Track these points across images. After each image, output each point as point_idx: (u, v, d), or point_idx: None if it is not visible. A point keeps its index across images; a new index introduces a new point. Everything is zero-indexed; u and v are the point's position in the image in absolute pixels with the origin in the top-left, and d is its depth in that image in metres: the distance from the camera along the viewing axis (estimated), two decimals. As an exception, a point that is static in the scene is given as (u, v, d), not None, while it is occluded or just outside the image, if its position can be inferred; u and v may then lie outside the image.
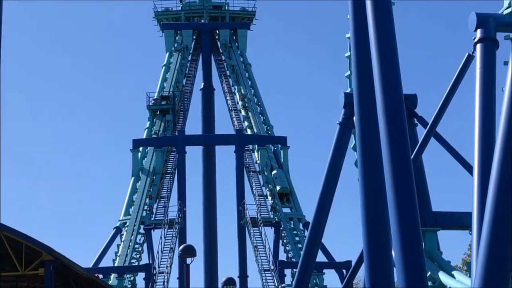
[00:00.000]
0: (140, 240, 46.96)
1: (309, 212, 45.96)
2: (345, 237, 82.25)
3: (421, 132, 26.81)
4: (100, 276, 41.15)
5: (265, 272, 44.15)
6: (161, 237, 45.21)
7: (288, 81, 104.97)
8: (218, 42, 58.90)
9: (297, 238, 47.00)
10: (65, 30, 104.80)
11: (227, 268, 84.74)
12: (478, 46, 19.84)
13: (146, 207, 48.28)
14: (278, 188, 49.47)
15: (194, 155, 56.62)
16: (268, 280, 43.75)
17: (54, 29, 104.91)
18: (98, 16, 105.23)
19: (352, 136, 26.95)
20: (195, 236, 57.50)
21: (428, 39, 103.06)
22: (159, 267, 43.58)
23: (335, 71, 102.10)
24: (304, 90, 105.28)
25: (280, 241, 47.54)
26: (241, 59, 57.86)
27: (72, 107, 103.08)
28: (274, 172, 50.50)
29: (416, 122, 28.36)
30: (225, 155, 73.58)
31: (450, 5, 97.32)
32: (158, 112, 54.49)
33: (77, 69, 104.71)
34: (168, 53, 58.15)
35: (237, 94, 56.28)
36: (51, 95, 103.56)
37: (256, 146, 51.87)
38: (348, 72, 32.72)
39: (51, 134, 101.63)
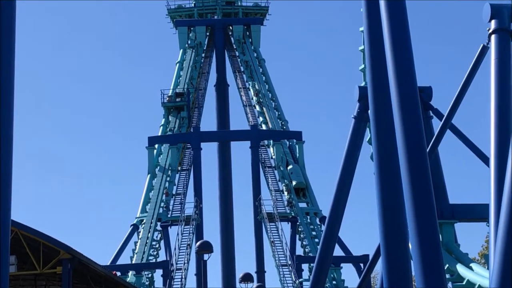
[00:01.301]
0: (157, 237, 47.10)
1: (325, 206, 46.03)
2: (362, 231, 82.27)
3: (436, 124, 26.71)
4: (118, 273, 41.30)
5: (283, 267, 44.20)
6: (178, 234, 45.39)
7: (302, 76, 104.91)
8: (232, 38, 58.89)
9: (313, 233, 46.99)
10: (80, 28, 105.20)
11: (244, 263, 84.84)
12: (493, 37, 19.73)
13: (162, 204, 48.42)
14: (294, 183, 49.46)
15: (209, 151, 56.80)
16: (285, 275, 43.79)
17: (69, 27, 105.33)
18: (112, 14, 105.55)
19: (367, 129, 26.88)
20: (212, 232, 57.74)
21: (442, 31, 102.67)
22: (176, 263, 43.72)
23: (349, 65, 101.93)
24: (319, 84, 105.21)
25: (297, 236, 47.57)
26: (255, 54, 57.83)
27: (87, 105, 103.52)
28: (289, 167, 50.49)
29: (431, 114, 28.25)
30: (240, 151, 73.77)
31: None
32: (173, 109, 54.61)
33: (92, 67, 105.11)
34: (182, 50, 58.21)
35: (251, 90, 56.27)
36: (67, 93, 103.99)
37: (272, 141, 51.88)
38: (362, 66, 32.64)
39: (66, 132, 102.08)
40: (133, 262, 45.08)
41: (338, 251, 43.19)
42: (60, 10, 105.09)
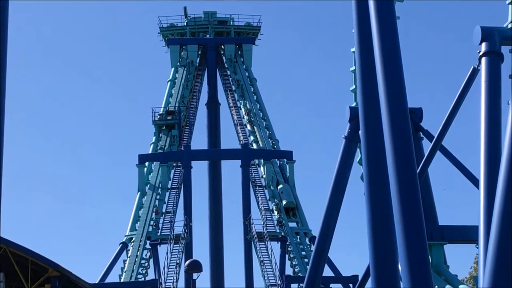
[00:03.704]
0: (146, 255, 46.92)
1: (315, 226, 45.92)
2: (351, 252, 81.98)
3: (427, 145, 26.80)
4: (106, 291, 41.13)
5: (272, 287, 44.06)
6: (167, 252, 45.21)
7: (293, 96, 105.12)
8: (224, 57, 59.09)
9: (303, 253, 46.92)
10: (71, 45, 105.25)
11: (234, 283, 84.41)
12: (483, 59, 19.83)
13: (152, 222, 48.29)
14: (284, 202, 49.43)
15: (200, 170, 56.70)
16: (274, 295, 43.68)
17: (59, 46, 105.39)
18: (104, 32, 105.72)
19: (358, 150, 26.96)
20: (202, 251, 57.51)
21: (433, 53, 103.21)
22: (165, 282, 43.52)
23: (340, 85, 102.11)
24: (310, 104, 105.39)
25: (287, 255, 47.44)
26: (247, 73, 58.04)
27: (78, 123, 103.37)
28: (280, 186, 50.49)
29: (422, 135, 28.34)
30: (231, 170, 73.57)
31: (456, 19, 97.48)
32: (164, 127, 54.61)
33: (83, 85, 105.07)
34: (173, 68, 58.36)
35: (242, 109, 56.39)
36: (57, 110, 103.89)
37: (262, 160, 51.89)
38: (353, 86, 32.73)
39: (56, 149, 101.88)
40: (122, 280, 44.87)
41: (327, 272, 43.13)
42: (49, 32, 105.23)
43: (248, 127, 55.06)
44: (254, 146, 52.99)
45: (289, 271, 46.56)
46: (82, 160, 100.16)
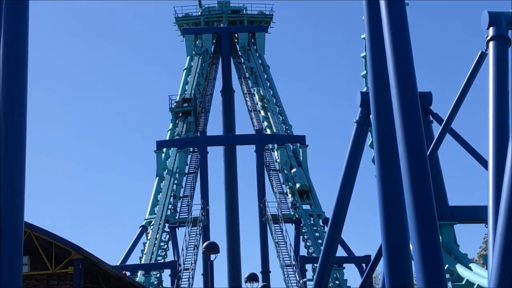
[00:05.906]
0: (165, 238, 47.65)
1: (328, 208, 46.57)
2: (364, 232, 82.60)
3: (436, 128, 27.21)
4: (128, 273, 41.85)
5: (287, 267, 44.71)
6: (185, 235, 45.93)
7: (305, 82, 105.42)
8: (237, 45, 59.53)
9: (317, 234, 47.51)
10: (91, 36, 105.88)
11: (250, 264, 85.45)
12: (491, 43, 20.16)
13: (170, 206, 48.98)
14: (298, 185, 50.00)
15: (215, 155, 57.34)
16: (289, 275, 44.31)
17: (81, 34, 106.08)
18: (121, 23, 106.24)
19: (369, 133, 27.36)
20: (218, 233, 58.36)
21: (442, 37, 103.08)
22: (184, 264, 44.28)
23: (351, 71, 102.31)
24: (322, 89, 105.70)
25: (301, 237, 48.06)
26: (260, 61, 58.45)
27: (97, 111, 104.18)
28: (293, 170, 51.03)
29: (431, 119, 28.74)
30: (245, 155, 74.33)
31: (463, 4, 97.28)
32: (180, 114, 55.23)
33: (103, 74, 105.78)
34: (189, 57, 58.88)
35: (256, 95, 56.89)
36: (75, 101, 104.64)
37: (276, 145, 52.43)
38: (364, 72, 33.27)
39: (77, 137, 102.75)
40: (142, 262, 45.61)
41: (340, 252, 43.71)
42: (74, 21, 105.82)
43: (262, 113, 55.58)
44: (268, 131, 53.51)
45: (303, 251, 47.21)
46: (102, 147, 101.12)
